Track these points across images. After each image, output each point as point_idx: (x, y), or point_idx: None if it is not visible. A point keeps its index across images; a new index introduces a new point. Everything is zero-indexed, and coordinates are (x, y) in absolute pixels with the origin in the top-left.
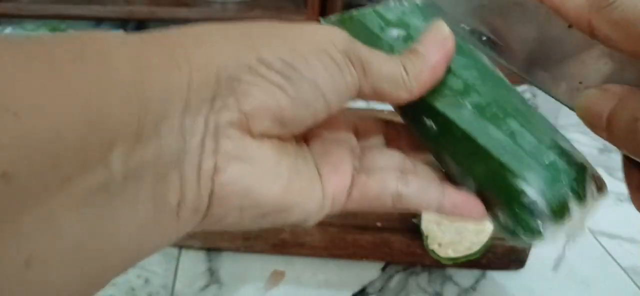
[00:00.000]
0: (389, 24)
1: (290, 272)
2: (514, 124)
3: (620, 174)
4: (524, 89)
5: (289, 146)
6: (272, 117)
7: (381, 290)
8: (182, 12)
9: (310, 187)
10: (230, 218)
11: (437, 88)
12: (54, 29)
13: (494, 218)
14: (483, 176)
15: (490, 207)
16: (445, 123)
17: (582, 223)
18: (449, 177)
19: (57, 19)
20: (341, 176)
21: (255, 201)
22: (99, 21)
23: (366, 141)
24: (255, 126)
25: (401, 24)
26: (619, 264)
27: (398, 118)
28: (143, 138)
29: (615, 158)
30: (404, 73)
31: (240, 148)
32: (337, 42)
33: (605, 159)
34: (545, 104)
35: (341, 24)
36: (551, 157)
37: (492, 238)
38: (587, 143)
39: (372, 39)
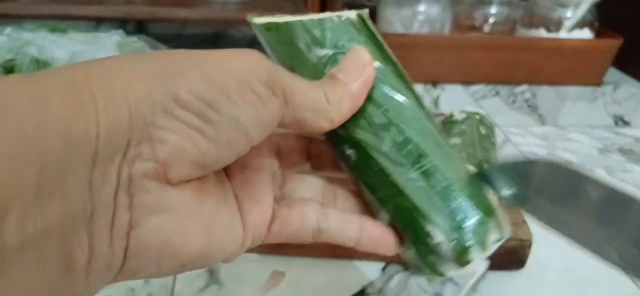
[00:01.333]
0: (316, 41)
1: (290, 273)
2: (429, 163)
3: (620, 174)
4: (523, 89)
5: (209, 184)
6: (191, 163)
7: (381, 290)
8: (182, 12)
9: (231, 226)
10: (147, 272)
11: (359, 118)
12: (53, 29)
13: (405, 251)
14: (395, 212)
15: (402, 239)
16: (364, 156)
17: (481, 264)
18: (367, 204)
19: (56, 19)
20: (262, 209)
21: (175, 253)
22: (99, 21)
23: (289, 161)
24: (174, 174)
25: (329, 42)
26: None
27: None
28: (43, 198)
29: (615, 158)
30: (325, 101)
31: (157, 199)
32: (259, 72)
33: (605, 159)
34: (545, 104)
35: (267, 30)
36: (460, 201)
37: None
38: (587, 143)
39: (296, 55)
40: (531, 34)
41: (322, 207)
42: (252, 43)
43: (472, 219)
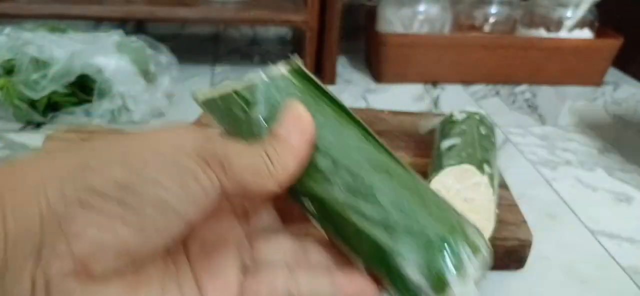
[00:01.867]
0: (250, 105)
1: None
2: (383, 196)
3: (620, 174)
4: (523, 89)
5: (151, 270)
6: (115, 254)
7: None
8: (182, 12)
9: None
10: None
11: (308, 169)
12: (53, 29)
13: (386, 291)
14: (366, 255)
15: (381, 283)
16: (322, 205)
17: (472, 286)
18: (341, 253)
19: (56, 19)
20: (226, 287)
21: None
22: (98, 21)
23: (257, 221)
24: (96, 268)
25: (264, 103)
26: (619, 264)
27: None
28: None
29: (614, 158)
30: (267, 161)
31: None
32: (186, 146)
33: (605, 159)
34: (545, 104)
35: (206, 105)
36: (424, 227)
37: (492, 239)
38: (587, 143)
39: (235, 122)
40: (531, 34)
41: (292, 272)
42: (251, 43)
43: (439, 241)
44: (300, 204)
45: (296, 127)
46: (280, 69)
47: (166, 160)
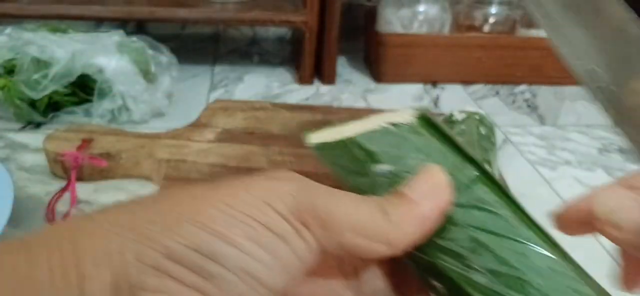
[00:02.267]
0: (372, 157)
1: None
2: (539, 282)
3: (619, 174)
4: (523, 89)
5: None
6: None
7: None
8: (182, 12)
9: None
10: None
11: (439, 243)
12: (54, 29)
13: None
14: None
15: None
16: (457, 292)
17: None
18: None
19: (57, 19)
20: None
21: None
22: (99, 21)
23: (367, 281)
24: None
25: (387, 157)
26: (619, 263)
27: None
28: None
29: (615, 157)
30: (381, 219)
31: None
32: (277, 203)
33: (604, 159)
34: (545, 103)
35: (319, 151)
36: None
37: None
38: (586, 143)
39: (351, 175)
40: (531, 34)
41: None
42: (252, 43)
43: None
44: (423, 279)
45: (431, 193)
46: (408, 119)
47: (252, 221)
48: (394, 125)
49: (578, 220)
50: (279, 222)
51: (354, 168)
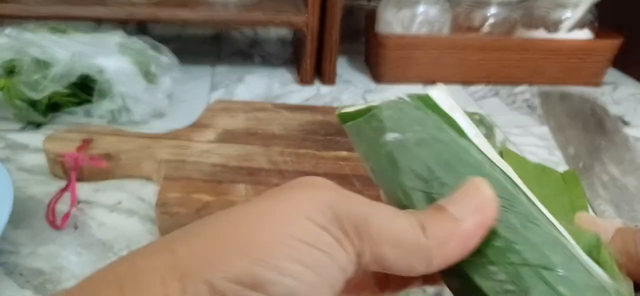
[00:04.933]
0: (384, 125)
1: None
2: (559, 270)
3: None
4: (523, 89)
5: None
6: None
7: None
8: (183, 13)
9: None
10: None
11: (477, 260)
12: (54, 30)
13: None
14: None
15: None
16: (470, 283)
17: None
18: None
19: (57, 20)
20: None
21: None
22: (100, 22)
23: (397, 283)
24: None
25: (397, 125)
26: None
27: None
28: None
29: None
30: (420, 235)
31: None
32: (317, 215)
33: None
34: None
35: (348, 124)
36: None
37: None
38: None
39: (375, 141)
40: (530, 35)
41: None
42: (252, 44)
43: None
44: (452, 286)
45: (476, 210)
46: (423, 93)
47: (297, 242)
48: (406, 98)
49: None
50: (321, 235)
51: (373, 138)
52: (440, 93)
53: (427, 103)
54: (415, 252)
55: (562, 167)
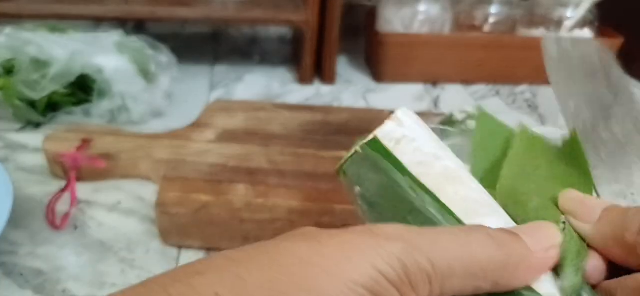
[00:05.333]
0: (353, 181)
1: None
2: None
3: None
4: (523, 89)
5: None
6: None
7: None
8: (182, 11)
9: None
10: None
11: None
12: (53, 29)
13: None
14: None
15: None
16: None
17: None
18: None
19: (56, 19)
20: None
21: None
22: (98, 21)
23: None
24: None
25: (357, 179)
26: None
27: None
28: None
29: None
30: (497, 255)
31: None
32: (387, 269)
33: None
34: (545, 104)
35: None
36: None
37: None
38: None
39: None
40: (531, 34)
41: None
42: (252, 43)
43: None
44: None
45: (546, 247)
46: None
47: (367, 292)
48: (358, 148)
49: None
50: (389, 291)
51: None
52: (403, 115)
53: (374, 147)
54: (486, 272)
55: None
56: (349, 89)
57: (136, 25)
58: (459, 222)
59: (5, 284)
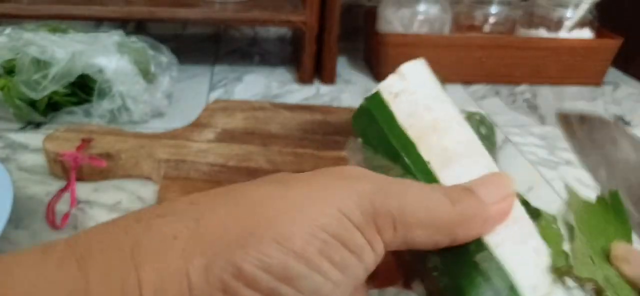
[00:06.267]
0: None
1: None
2: None
3: None
4: (523, 89)
5: None
6: None
7: (381, 290)
8: (182, 12)
9: None
10: None
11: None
12: (53, 29)
13: None
14: None
15: None
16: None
17: None
18: None
19: (57, 19)
20: None
21: None
22: (99, 21)
23: (384, 279)
24: None
25: (360, 130)
26: None
27: None
28: None
29: None
30: (451, 212)
31: None
32: (354, 212)
33: None
34: (545, 104)
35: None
36: None
37: None
38: None
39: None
40: (531, 34)
41: None
42: (252, 43)
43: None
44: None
45: (500, 199)
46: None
47: (329, 237)
48: (363, 102)
49: None
50: (354, 235)
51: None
52: (408, 69)
53: (374, 100)
54: (444, 228)
55: (571, 172)
56: (349, 89)
57: (137, 26)
58: (430, 173)
59: None
